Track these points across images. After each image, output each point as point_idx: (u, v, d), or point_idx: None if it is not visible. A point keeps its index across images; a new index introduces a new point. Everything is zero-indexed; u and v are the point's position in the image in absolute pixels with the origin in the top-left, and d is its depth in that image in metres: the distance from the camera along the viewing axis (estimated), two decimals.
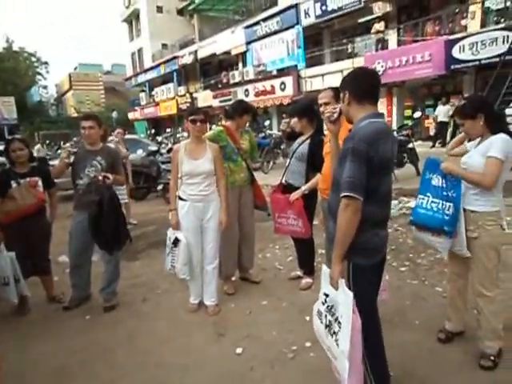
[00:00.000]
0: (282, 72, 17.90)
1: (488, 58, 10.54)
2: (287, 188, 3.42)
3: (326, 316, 1.86)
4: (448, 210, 2.33)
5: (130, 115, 32.19)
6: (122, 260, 3.71)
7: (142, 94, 30.72)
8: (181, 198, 3.07)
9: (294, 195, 3.25)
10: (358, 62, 14.00)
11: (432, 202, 2.40)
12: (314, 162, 3.18)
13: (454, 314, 2.57)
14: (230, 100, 18.28)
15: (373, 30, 13.82)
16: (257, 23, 18.79)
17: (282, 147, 11.10)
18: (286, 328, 2.87)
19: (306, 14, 16.11)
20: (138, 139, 11.38)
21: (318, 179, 3.09)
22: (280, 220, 3.43)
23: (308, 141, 3.29)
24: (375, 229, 1.84)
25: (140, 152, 8.52)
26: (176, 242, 3.02)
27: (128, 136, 9.10)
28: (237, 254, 3.53)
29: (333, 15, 15.17)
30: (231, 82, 20.59)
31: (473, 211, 2.28)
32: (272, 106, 18.09)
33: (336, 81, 10.09)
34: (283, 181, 3.55)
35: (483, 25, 11.88)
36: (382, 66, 13.07)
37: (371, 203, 1.75)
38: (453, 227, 2.31)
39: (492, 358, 2.28)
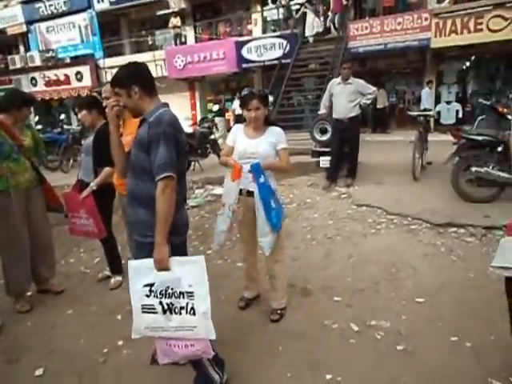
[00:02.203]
0: (76, 60, 16.21)
1: (270, 60, 12.23)
2: (83, 186, 3.20)
3: (160, 303, 1.83)
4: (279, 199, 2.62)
5: None
6: None
7: None
8: None
9: (84, 193, 3.08)
10: (159, 55, 14.05)
11: (274, 201, 2.53)
12: (99, 155, 3.04)
13: (250, 283, 2.98)
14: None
15: (170, 25, 14.05)
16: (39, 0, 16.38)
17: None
18: (95, 333, 2.73)
19: None
20: None
21: (106, 173, 2.99)
22: (73, 220, 3.21)
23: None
24: (182, 206, 2.01)
25: None
26: None
27: None
28: (29, 266, 3.10)
29: (128, 3, 14.63)
30: (11, 67, 17.38)
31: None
32: (69, 98, 16.26)
33: None
34: (79, 178, 3.31)
35: (264, 31, 13.75)
36: (182, 61, 13.49)
37: (179, 182, 1.88)
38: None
39: (279, 311, 2.77)
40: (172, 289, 1.81)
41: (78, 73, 15.68)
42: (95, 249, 4.14)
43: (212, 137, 8.63)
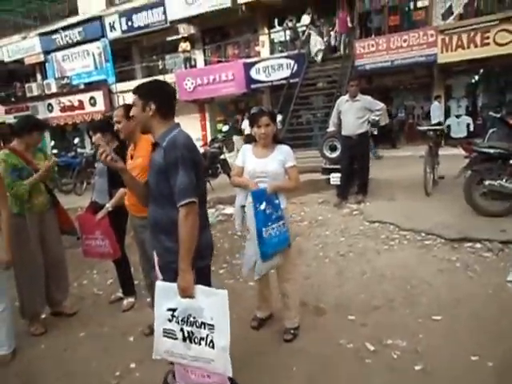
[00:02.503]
0: (90, 86, 16.73)
1: (278, 80, 12.42)
2: (97, 208, 3.25)
3: (181, 329, 1.82)
4: (284, 226, 2.57)
5: None
6: None
7: None
8: None
9: (99, 214, 3.12)
10: (169, 78, 14.38)
11: (272, 228, 2.49)
12: (113, 177, 3.05)
13: (262, 302, 2.95)
14: None
15: (180, 49, 14.45)
16: (55, 31, 17.07)
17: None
18: (108, 354, 2.72)
19: (112, 27, 15.59)
20: None
21: (121, 195, 3.04)
22: (88, 242, 3.24)
23: None
24: (206, 228, 1.99)
25: None
26: None
27: None
28: (43, 288, 3.13)
29: (139, 32, 15.16)
30: (28, 95, 17.99)
31: None
32: (82, 123, 16.71)
33: None
34: (92, 200, 3.36)
35: (272, 52, 14.03)
36: (192, 83, 13.79)
37: (201, 206, 1.88)
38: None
39: (292, 331, 2.73)
40: (194, 317, 1.80)
41: (91, 98, 16.15)
42: (108, 270, 4.17)
43: (222, 157, 8.72)
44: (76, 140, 13.71)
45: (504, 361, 2.23)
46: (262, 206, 2.47)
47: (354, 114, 5.65)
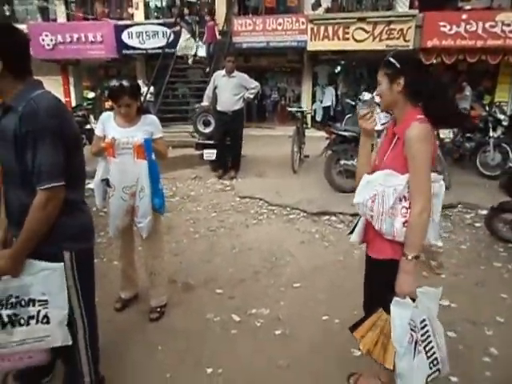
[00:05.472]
0: None
1: (153, 49, 11.66)
2: None
3: None
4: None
5: None
6: None
7: None
8: None
9: None
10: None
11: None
12: None
13: (127, 283, 2.77)
14: None
15: None
16: None
17: None
18: None
19: None
20: None
21: None
22: None
23: None
24: (83, 212, 1.70)
25: None
26: None
27: None
28: None
29: None
30: None
31: None
32: None
33: None
34: None
35: (147, 17, 13.04)
36: (52, 40, 11.98)
37: (75, 188, 1.60)
38: None
39: (158, 309, 2.64)
40: (17, 297, 1.54)
41: None
42: None
43: (88, 126, 7.86)
44: None
45: (347, 316, 2.54)
46: (153, 156, 2.39)
47: (230, 90, 5.66)
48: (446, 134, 6.70)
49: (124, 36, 11.89)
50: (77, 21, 12.91)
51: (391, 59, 1.57)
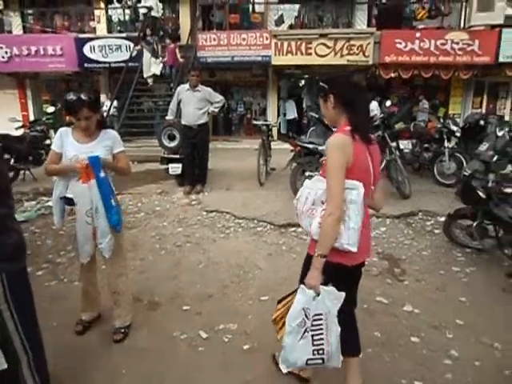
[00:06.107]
0: None
1: (116, 62, 11.48)
2: None
3: None
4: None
5: None
6: None
7: None
8: None
9: None
10: None
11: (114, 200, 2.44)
12: None
13: (88, 304, 2.66)
14: None
15: None
16: None
17: None
18: None
19: None
20: None
21: None
22: None
23: None
24: (11, 230, 1.59)
25: None
26: None
27: None
28: None
29: None
30: None
31: None
32: None
33: None
34: None
35: (110, 31, 12.88)
36: (7, 52, 11.54)
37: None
38: None
39: (123, 330, 2.54)
40: None
41: None
42: None
43: (47, 142, 7.57)
44: None
45: None
46: (102, 174, 2.30)
47: (194, 104, 5.65)
48: (405, 144, 7.00)
49: (86, 49, 11.63)
50: (34, 33, 12.53)
51: (321, 83, 1.86)
